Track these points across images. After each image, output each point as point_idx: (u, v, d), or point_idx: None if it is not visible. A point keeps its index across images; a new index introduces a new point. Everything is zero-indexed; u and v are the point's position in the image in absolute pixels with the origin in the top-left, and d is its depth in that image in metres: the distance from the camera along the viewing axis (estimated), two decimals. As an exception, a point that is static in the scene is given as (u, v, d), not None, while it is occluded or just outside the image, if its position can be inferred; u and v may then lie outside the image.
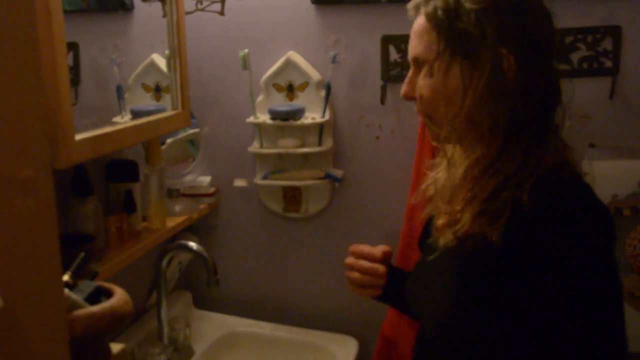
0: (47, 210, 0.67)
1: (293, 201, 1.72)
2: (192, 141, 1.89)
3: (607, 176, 1.55)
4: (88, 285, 0.86)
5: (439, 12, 0.90)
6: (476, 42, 0.88)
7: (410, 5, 0.97)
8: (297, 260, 1.79)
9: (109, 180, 1.43)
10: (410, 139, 1.58)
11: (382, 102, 1.60)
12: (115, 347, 0.89)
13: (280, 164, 1.71)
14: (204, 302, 1.84)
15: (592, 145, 1.56)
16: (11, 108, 0.59)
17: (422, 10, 0.94)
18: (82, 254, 0.91)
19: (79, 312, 0.77)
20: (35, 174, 0.65)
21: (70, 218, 1.25)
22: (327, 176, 1.67)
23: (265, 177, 1.70)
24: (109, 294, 0.85)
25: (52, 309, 0.69)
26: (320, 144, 1.64)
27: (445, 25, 0.90)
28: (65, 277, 0.86)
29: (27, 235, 0.64)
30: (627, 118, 1.53)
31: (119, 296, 0.82)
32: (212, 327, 1.74)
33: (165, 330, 1.52)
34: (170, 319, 1.55)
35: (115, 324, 0.79)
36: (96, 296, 0.85)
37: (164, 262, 1.47)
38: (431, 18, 0.91)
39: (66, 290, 0.80)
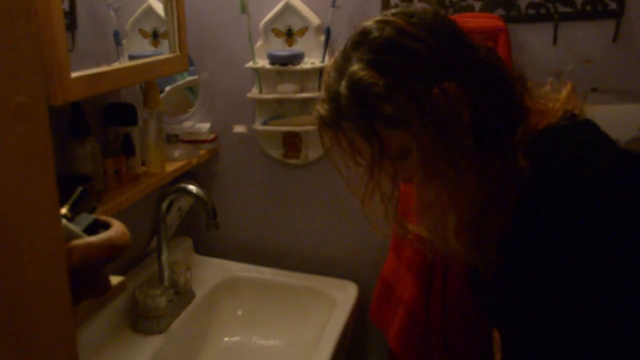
0: (42, 138, 0.67)
1: (293, 147, 1.72)
2: (191, 89, 1.88)
3: (609, 121, 1.53)
4: (86, 218, 0.86)
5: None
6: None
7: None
8: (297, 207, 1.80)
9: (107, 124, 1.42)
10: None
11: (382, 45, 1.58)
12: (115, 279, 0.90)
13: (279, 109, 1.70)
14: (204, 248, 1.86)
15: (594, 90, 1.55)
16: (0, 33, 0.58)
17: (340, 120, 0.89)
18: (80, 189, 0.91)
19: (77, 241, 0.77)
20: (29, 100, 0.65)
21: (68, 159, 1.25)
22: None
23: (264, 123, 1.70)
24: (107, 227, 0.86)
25: (49, 237, 0.69)
26: (319, 89, 1.63)
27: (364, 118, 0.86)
28: (63, 210, 0.87)
29: (23, 161, 0.64)
30: (631, 62, 1.51)
31: (117, 227, 0.83)
32: (213, 272, 1.76)
33: (166, 273, 1.53)
34: (171, 262, 1.57)
35: (113, 254, 0.80)
36: (94, 228, 0.85)
37: (164, 206, 1.48)
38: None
39: (64, 221, 0.80)
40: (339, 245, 1.79)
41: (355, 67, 0.86)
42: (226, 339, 1.66)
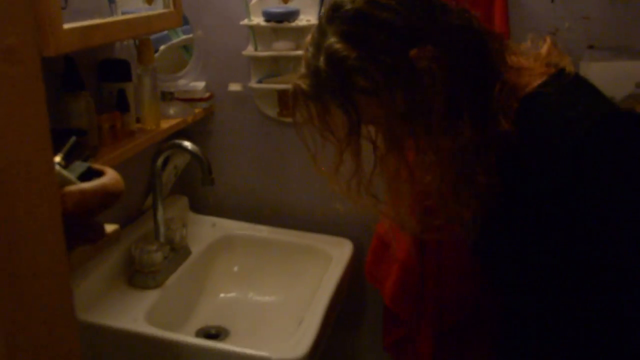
0: (34, 82, 0.66)
1: (288, 105, 1.71)
2: (186, 48, 1.87)
3: (605, 78, 1.53)
4: (80, 166, 0.86)
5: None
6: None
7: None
8: (293, 165, 1.80)
9: (101, 80, 1.42)
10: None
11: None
12: (110, 228, 0.91)
13: (275, 67, 1.69)
14: (200, 207, 1.87)
15: (591, 47, 1.54)
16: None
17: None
18: (74, 138, 0.91)
19: (71, 187, 0.78)
20: (20, 42, 0.64)
21: (62, 114, 1.25)
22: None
23: (260, 81, 1.69)
24: (100, 175, 0.86)
25: (43, 183, 0.70)
26: (315, 46, 1.62)
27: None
28: (57, 159, 0.87)
29: (16, 104, 0.64)
30: (628, 18, 1.50)
31: (111, 175, 0.83)
32: (209, 229, 1.77)
33: (162, 229, 1.54)
34: (167, 219, 1.58)
35: (107, 200, 0.80)
36: (88, 176, 0.85)
37: (159, 162, 1.48)
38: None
39: (57, 167, 0.81)
40: (335, 203, 1.80)
41: (330, 40, 0.87)
42: (222, 295, 1.68)
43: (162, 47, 1.81)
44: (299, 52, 1.62)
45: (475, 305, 1.60)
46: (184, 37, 1.85)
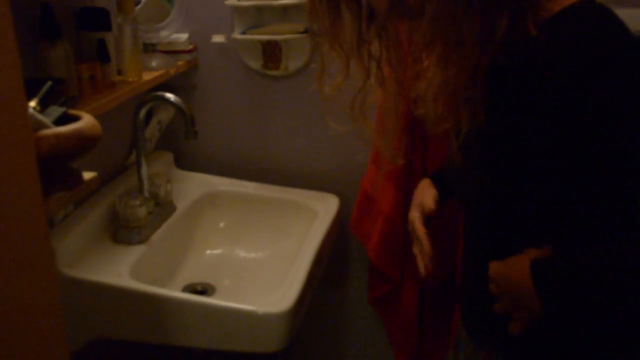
0: (3, 22, 0.63)
1: (273, 58, 1.68)
2: (168, -1, 1.82)
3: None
4: (55, 110, 0.84)
5: None
6: None
7: None
8: (278, 119, 1.77)
9: (79, 29, 1.37)
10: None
11: (365, -51, 1.52)
12: (87, 175, 0.89)
13: (259, 18, 1.65)
14: (185, 163, 1.85)
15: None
16: None
17: None
18: (50, 83, 0.88)
19: (45, 131, 0.76)
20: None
21: (39, 62, 1.21)
22: (307, 30, 1.62)
23: (243, 33, 1.65)
24: (77, 120, 0.84)
25: (16, 126, 0.67)
26: (300, -4, 1.58)
27: None
28: (32, 104, 0.84)
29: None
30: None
31: (87, 119, 0.81)
32: (194, 186, 1.75)
33: (145, 184, 1.52)
34: (151, 174, 1.56)
35: (83, 145, 0.78)
36: (64, 121, 0.83)
37: (142, 113, 1.45)
38: None
39: (31, 110, 0.78)
40: (321, 158, 1.78)
41: None
42: (208, 251, 1.67)
43: (144, -1, 1.76)
44: (284, 1, 1.58)
45: (457, 259, 1.60)
46: (166, -13, 1.79)
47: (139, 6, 1.70)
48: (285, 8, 1.61)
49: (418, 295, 1.62)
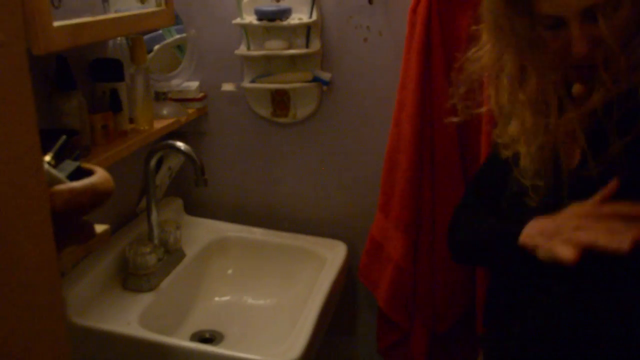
0: (22, 78, 0.65)
1: (281, 105, 1.71)
2: (180, 48, 1.86)
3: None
4: (70, 165, 0.85)
5: None
6: None
7: None
8: (287, 166, 1.79)
9: (94, 80, 1.41)
10: (398, 40, 1.55)
11: (370, 1, 1.56)
12: (100, 228, 0.90)
13: (268, 67, 1.68)
14: (195, 209, 1.86)
15: None
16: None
17: None
18: (64, 137, 0.90)
19: (60, 186, 0.77)
20: (7, 38, 0.63)
21: (54, 113, 1.24)
22: (315, 79, 1.64)
23: (253, 81, 1.68)
24: (90, 175, 0.85)
25: (32, 182, 0.69)
26: (307, 46, 1.61)
27: None
28: (47, 158, 0.86)
29: (2, 101, 0.63)
30: None
31: (100, 174, 0.82)
32: (203, 232, 1.75)
33: (156, 231, 1.53)
34: (161, 221, 1.57)
35: (97, 200, 0.79)
36: (78, 175, 0.84)
37: (152, 162, 1.47)
38: None
39: (46, 166, 0.79)
40: (329, 204, 1.79)
41: None
42: (216, 298, 1.66)
43: (156, 47, 1.80)
44: (292, 51, 1.61)
45: (468, 306, 1.59)
46: (177, 36, 1.84)
47: (151, 54, 1.74)
48: (293, 57, 1.64)
49: (427, 344, 1.61)
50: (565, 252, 0.84)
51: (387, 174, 1.57)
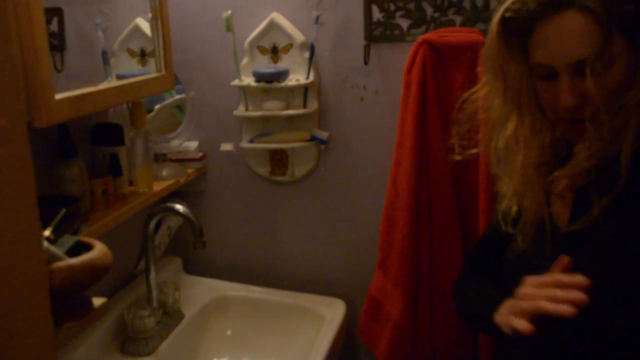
0: (23, 161, 0.67)
1: (279, 164, 1.72)
2: (179, 107, 1.89)
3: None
4: (68, 240, 0.86)
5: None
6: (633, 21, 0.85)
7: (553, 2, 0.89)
8: (285, 224, 1.80)
9: (94, 144, 1.42)
10: (394, 99, 1.58)
11: (366, 62, 1.59)
12: (98, 301, 0.90)
13: (266, 127, 1.70)
14: (194, 268, 1.86)
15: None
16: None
17: (576, 3, 0.86)
18: (63, 210, 0.91)
19: (59, 264, 0.78)
20: (9, 124, 0.65)
21: (55, 180, 1.25)
22: (313, 138, 1.67)
23: (251, 141, 1.70)
24: (89, 248, 0.86)
25: (31, 260, 0.69)
26: (305, 106, 1.64)
27: (607, 14, 0.84)
28: (46, 233, 0.87)
29: (3, 184, 0.64)
30: None
31: (99, 249, 0.83)
32: (202, 291, 1.75)
33: (154, 293, 1.53)
34: (159, 282, 1.56)
35: (95, 276, 0.80)
36: (77, 250, 0.85)
37: (151, 225, 1.48)
38: (591, 9, 0.85)
39: (45, 243, 0.80)
40: (327, 263, 1.79)
41: None
42: (215, 359, 1.65)
43: (156, 107, 1.82)
44: (290, 112, 1.63)
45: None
46: (177, 96, 1.87)
47: (152, 114, 1.76)
48: (291, 117, 1.67)
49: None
50: (519, 324, 0.87)
51: (385, 232, 1.58)
